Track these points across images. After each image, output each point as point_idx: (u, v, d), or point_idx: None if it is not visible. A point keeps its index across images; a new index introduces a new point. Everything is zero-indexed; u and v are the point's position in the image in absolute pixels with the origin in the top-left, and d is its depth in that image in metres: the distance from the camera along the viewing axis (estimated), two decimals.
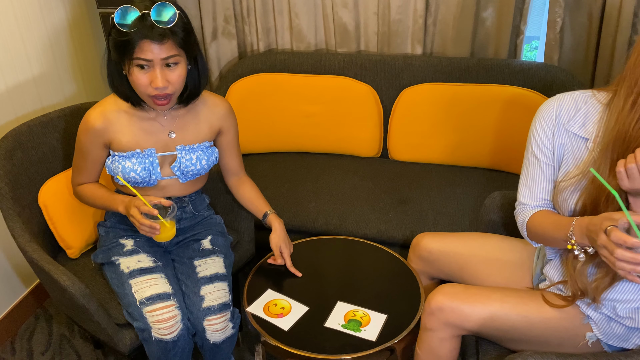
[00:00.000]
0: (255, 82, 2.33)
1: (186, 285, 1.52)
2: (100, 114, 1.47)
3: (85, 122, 1.48)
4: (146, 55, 1.30)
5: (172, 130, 1.52)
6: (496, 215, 1.65)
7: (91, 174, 1.57)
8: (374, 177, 2.20)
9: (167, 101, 1.40)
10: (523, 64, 2.13)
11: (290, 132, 2.36)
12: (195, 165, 1.54)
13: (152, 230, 1.38)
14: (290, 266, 1.62)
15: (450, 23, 2.20)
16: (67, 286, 1.38)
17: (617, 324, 1.20)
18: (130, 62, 1.32)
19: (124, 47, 1.31)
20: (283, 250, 1.63)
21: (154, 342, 1.42)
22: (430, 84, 2.19)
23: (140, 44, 1.29)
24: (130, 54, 1.31)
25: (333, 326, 1.44)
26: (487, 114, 2.11)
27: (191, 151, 1.54)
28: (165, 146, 1.52)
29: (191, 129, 1.55)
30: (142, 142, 1.50)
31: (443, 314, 1.28)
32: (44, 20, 2.06)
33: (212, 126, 1.58)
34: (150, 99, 1.38)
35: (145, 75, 1.34)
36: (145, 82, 1.34)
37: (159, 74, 1.33)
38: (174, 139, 1.52)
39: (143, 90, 1.36)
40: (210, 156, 1.57)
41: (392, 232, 1.93)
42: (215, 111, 1.58)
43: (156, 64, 1.32)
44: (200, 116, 1.56)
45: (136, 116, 1.49)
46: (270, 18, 2.41)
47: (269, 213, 1.67)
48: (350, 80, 2.27)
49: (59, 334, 2.06)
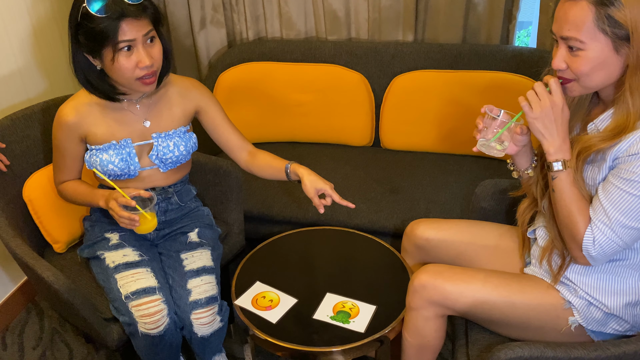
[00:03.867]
0: (245, 71, 2.29)
1: (173, 279, 1.50)
2: (73, 108, 1.45)
3: (58, 117, 1.46)
4: (128, 36, 1.30)
5: (146, 119, 1.50)
6: (487, 203, 1.63)
7: (71, 170, 1.54)
8: (366, 166, 2.18)
9: (154, 78, 1.39)
10: (515, 49, 2.10)
11: (280, 122, 2.34)
12: (173, 152, 1.51)
13: (132, 222, 1.37)
14: (340, 199, 1.44)
15: (442, 9, 2.17)
16: (51, 282, 1.36)
17: (596, 309, 1.22)
18: (114, 47, 1.30)
19: (105, 35, 1.28)
20: (325, 189, 1.44)
21: (141, 337, 1.41)
22: (422, 71, 2.16)
23: (121, 25, 1.28)
24: (114, 38, 1.29)
25: (322, 318, 1.42)
26: (480, 100, 2.08)
27: (167, 138, 1.51)
28: (141, 135, 1.50)
29: (165, 115, 1.52)
30: (117, 133, 1.47)
31: (426, 292, 1.29)
32: (28, 11, 2.02)
33: (185, 109, 1.55)
34: (138, 82, 1.36)
35: (129, 58, 1.32)
36: (131, 66, 1.33)
37: (142, 52, 1.33)
38: (149, 127, 1.50)
39: (129, 74, 1.34)
40: (189, 142, 1.55)
41: (383, 222, 1.91)
42: (185, 93, 1.56)
43: (138, 42, 1.32)
44: (172, 101, 1.54)
45: (109, 107, 1.47)
46: (259, 6, 2.37)
47: (289, 165, 1.53)
48: (341, 69, 2.23)
49: (50, 328, 2.05)
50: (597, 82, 1.11)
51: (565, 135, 1.16)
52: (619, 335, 1.24)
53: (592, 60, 1.07)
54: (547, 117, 1.13)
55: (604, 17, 1.03)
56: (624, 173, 1.09)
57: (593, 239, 1.13)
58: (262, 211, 2.02)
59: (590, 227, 1.13)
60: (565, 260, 1.24)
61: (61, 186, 1.56)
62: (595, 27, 1.04)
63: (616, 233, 1.11)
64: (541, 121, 1.14)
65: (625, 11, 1.02)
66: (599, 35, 1.05)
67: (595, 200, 1.14)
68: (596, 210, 1.13)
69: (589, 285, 1.22)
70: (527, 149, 1.31)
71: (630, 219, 1.09)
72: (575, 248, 1.16)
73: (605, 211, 1.11)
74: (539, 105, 1.13)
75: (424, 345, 1.37)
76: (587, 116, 1.24)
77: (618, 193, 1.10)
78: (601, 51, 1.06)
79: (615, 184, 1.10)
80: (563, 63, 1.12)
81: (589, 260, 1.16)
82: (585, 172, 1.18)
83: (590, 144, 1.14)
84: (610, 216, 1.11)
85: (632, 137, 1.08)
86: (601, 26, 1.04)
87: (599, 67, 1.08)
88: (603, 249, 1.13)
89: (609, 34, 1.04)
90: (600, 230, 1.12)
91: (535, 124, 1.15)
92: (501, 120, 1.24)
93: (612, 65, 1.08)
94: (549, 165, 1.17)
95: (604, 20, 1.03)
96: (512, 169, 1.38)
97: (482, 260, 1.46)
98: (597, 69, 1.08)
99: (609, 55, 1.07)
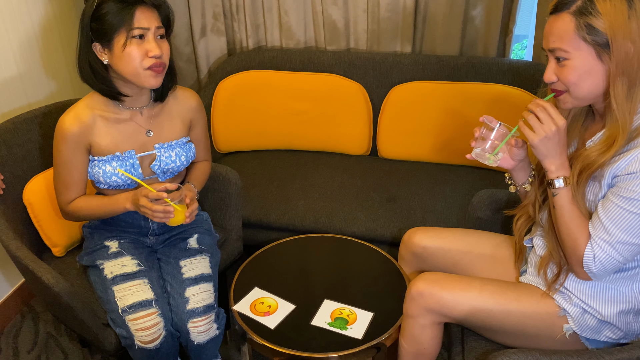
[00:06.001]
0: (245, 79, 2.32)
1: (171, 286, 1.51)
2: (74, 118, 1.44)
3: (61, 129, 1.43)
4: (142, 24, 1.34)
5: (149, 129, 1.51)
6: (483, 213, 1.65)
7: (79, 186, 1.49)
8: (363, 174, 2.20)
9: (162, 71, 1.40)
10: (512, 62, 2.14)
11: (279, 130, 2.36)
12: (175, 162, 1.53)
13: (166, 214, 1.37)
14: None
15: (440, 21, 2.20)
16: (51, 284, 1.36)
17: (590, 316, 1.24)
18: (128, 33, 1.33)
19: (120, 19, 1.32)
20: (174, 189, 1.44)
21: (137, 350, 1.41)
22: (420, 82, 2.19)
23: (136, 12, 1.33)
24: (130, 24, 1.33)
25: (319, 324, 1.43)
26: (476, 112, 2.11)
27: (170, 148, 1.53)
28: (143, 146, 1.51)
29: (167, 126, 1.54)
30: (120, 145, 1.48)
31: (423, 300, 1.31)
32: (30, 15, 2.03)
33: (184, 120, 1.58)
34: (146, 72, 1.37)
35: (140, 46, 1.35)
36: (141, 54, 1.36)
37: (153, 42, 1.37)
38: (152, 137, 1.51)
39: (138, 63, 1.36)
40: (189, 152, 1.57)
41: (380, 230, 1.93)
42: (186, 105, 1.58)
43: (150, 32, 1.36)
44: (174, 112, 1.56)
45: (112, 119, 1.47)
46: (259, 15, 2.40)
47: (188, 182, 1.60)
48: (339, 78, 2.26)
49: (45, 332, 2.04)
50: (586, 91, 1.14)
51: (565, 154, 1.19)
52: (612, 342, 1.26)
53: (578, 68, 1.11)
54: (551, 140, 1.15)
55: (583, 25, 1.08)
56: (623, 192, 1.11)
57: (593, 255, 1.15)
58: (260, 218, 2.03)
59: (590, 244, 1.15)
60: (561, 270, 1.26)
61: (70, 206, 1.50)
62: (577, 36, 1.09)
63: (616, 250, 1.13)
64: (544, 144, 1.16)
65: (603, 19, 1.06)
66: (581, 44, 1.09)
67: (595, 217, 1.16)
68: (596, 227, 1.15)
69: (584, 293, 1.24)
70: (524, 163, 1.34)
71: (630, 236, 1.12)
72: (576, 264, 1.18)
73: (605, 228, 1.13)
74: (542, 130, 1.15)
75: (421, 353, 1.39)
76: (584, 133, 1.26)
77: (618, 211, 1.12)
78: (585, 59, 1.10)
79: (615, 202, 1.12)
80: (553, 75, 1.16)
81: (589, 275, 1.18)
82: (588, 187, 1.20)
83: (591, 161, 1.16)
84: (610, 233, 1.13)
85: (630, 155, 1.10)
86: (582, 34, 1.08)
87: (585, 75, 1.11)
88: (604, 265, 1.15)
89: (589, 42, 1.08)
90: (600, 247, 1.14)
91: (539, 147, 1.17)
92: (498, 131, 1.26)
93: (597, 73, 1.11)
94: (551, 182, 1.19)
95: (583, 28, 1.08)
96: (509, 182, 1.40)
97: (478, 268, 1.48)
98: (583, 78, 1.12)
99: (593, 63, 1.10)
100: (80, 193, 1.51)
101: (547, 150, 1.17)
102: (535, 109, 1.16)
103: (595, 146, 1.17)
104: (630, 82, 1.09)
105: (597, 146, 1.16)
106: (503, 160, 1.31)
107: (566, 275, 1.25)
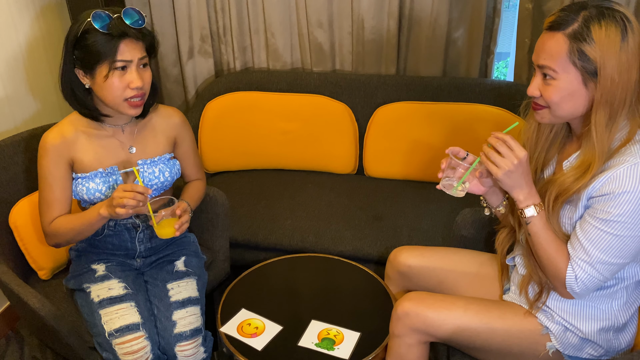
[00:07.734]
0: (232, 101, 2.34)
1: (158, 309, 1.50)
2: (58, 133, 1.46)
3: (44, 143, 1.45)
4: (126, 56, 1.35)
5: (131, 146, 1.53)
6: (467, 232, 1.68)
7: (62, 203, 1.47)
8: (350, 193, 2.22)
9: (142, 102, 1.42)
10: (493, 82, 2.19)
11: (266, 150, 2.38)
12: (158, 178, 1.54)
13: (135, 196, 1.32)
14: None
15: (423, 43, 2.25)
16: (37, 308, 1.36)
17: (572, 334, 1.26)
18: (111, 64, 1.34)
19: (104, 51, 1.33)
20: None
21: None
22: (404, 102, 2.23)
23: (120, 45, 1.34)
24: (113, 56, 1.34)
25: (307, 345, 1.44)
26: (459, 131, 2.16)
27: (153, 164, 1.54)
28: (126, 162, 1.52)
29: (150, 142, 1.55)
30: (103, 161, 1.49)
31: (409, 319, 1.32)
32: (17, 37, 2.05)
33: (168, 137, 1.59)
34: (126, 103, 1.39)
35: (122, 78, 1.36)
36: (122, 85, 1.37)
37: (135, 74, 1.37)
38: (134, 154, 1.53)
39: (119, 94, 1.37)
40: (173, 168, 1.58)
41: (367, 249, 1.94)
42: (169, 121, 1.60)
43: (133, 64, 1.37)
44: (157, 128, 1.57)
45: (94, 135, 1.49)
46: (246, 37, 2.43)
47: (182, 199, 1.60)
48: (325, 99, 2.29)
49: (31, 356, 2.02)
50: (565, 112, 1.17)
51: (531, 182, 1.21)
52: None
53: (562, 90, 1.14)
54: (514, 173, 1.17)
55: (576, 50, 1.10)
56: (599, 213, 1.14)
57: (575, 276, 1.17)
58: (248, 237, 2.04)
59: (571, 265, 1.18)
60: (543, 289, 1.28)
61: (51, 225, 1.47)
62: (567, 59, 1.11)
63: (597, 269, 1.15)
64: (508, 177, 1.18)
65: (596, 48, 1.09)
66: (570, 67, 1.12)
67: (574, 238, 1.19)
68: (575, 248, 1.18)
69: (565, 311, 1.26)
70: (495, 189, 1.36)
71: (609, 256, 1.14)
72: (559, 286, 1.21)
73: (584, 249, 1.16)
74: (504, 164, 1.17)
75: None
76: (561, 153, 1.29)
77: (595, 232, 1.14)
78: (570, 83, 1.13)
79: (592, 223, 1.15)
80: (537, 91, 1.18)
81: (572, 295, 1.20)
82: (563, 211, 1.22)
83: (566, 187, 1.18)
84: (589, 254, 1.15)
85: (604, 176, 1.13)
86: (573, 59, 1.11)
87: (567, 97, 1.14)
88: (586, 285, 1.17)
89: (578, 67, 1.11)
90: (581, 267, 1.16)
91: (504, 180, 1.19)
92: (463, 162, 1.28)
93: (579, 97, 1.14)
94: (521, 212, 1.21)
95: (575, 53, 1.10)
96: (484, 205, 1.43)
97: (462, 287, 1.50)
98: (565, 100, 1.15)
99: (577, 88, 1.13)
100: (63, 211, 1.49)
101: (512, 182, 1.19)
102: (495, 143, 1.18)
103: (570, 171, 1.19)
104: (611, 112, 1.12)
105: (572, 171, 1.19)
106: (474, 186, 1.33)
107: (548, 294, 1.28)
